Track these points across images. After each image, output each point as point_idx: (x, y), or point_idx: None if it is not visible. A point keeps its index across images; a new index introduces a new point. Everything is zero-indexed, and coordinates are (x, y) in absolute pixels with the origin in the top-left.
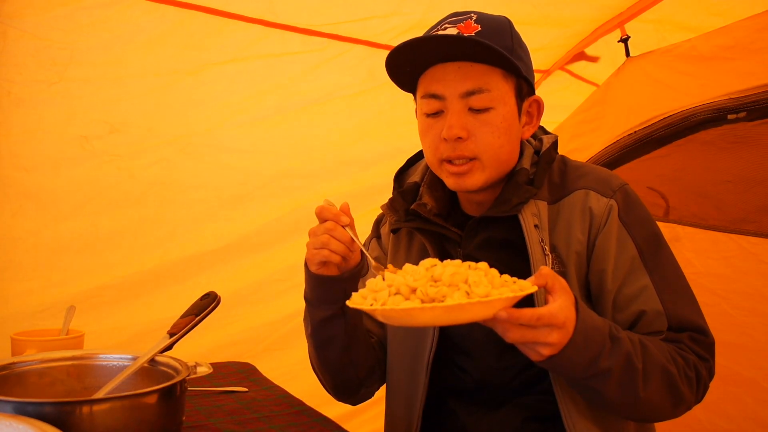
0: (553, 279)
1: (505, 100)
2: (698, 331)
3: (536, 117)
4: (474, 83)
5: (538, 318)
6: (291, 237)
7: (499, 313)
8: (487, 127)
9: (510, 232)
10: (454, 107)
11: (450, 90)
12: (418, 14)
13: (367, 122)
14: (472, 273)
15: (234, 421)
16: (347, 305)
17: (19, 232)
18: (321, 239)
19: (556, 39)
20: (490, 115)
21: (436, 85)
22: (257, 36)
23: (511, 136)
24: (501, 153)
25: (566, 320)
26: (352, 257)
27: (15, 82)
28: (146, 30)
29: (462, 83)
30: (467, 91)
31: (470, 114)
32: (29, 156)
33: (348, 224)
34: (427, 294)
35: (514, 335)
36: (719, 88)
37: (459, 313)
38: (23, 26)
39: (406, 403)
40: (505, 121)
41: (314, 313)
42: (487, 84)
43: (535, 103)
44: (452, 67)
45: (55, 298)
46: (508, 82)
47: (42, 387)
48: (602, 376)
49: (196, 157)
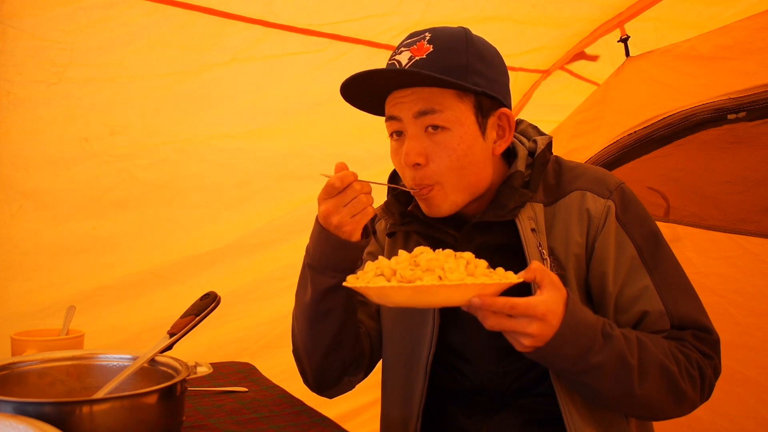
0: (542, 273)
1: (461, 121)
2: (701, 328)
3: (508, 129)
4: (425, 104)
5: (512, 307)
6: (290, 237)
7: (472, 299)
8: (444, 151)
9: (506, 237)
10: (411, 130)
11: (405, 112)
12: (418, 13)
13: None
14: (451, 260)
15: (234, 421)
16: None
17: (18, 232)
18: (360, 200)
19: (556, 39)
20: (446, 137)
21: (393, 108)
22: (257, 37)
23: (473, 157)
24: (463, 176)
25: (548, 313)
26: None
27: (14, 82)
28: (146, 31)
29: (414, 104)
30: (420, 111)
31: (427, 137)
32: (29, 156)
33: (357, 178)
34: (404, 276)
35: (491, 322)
36: (719, 88)
37: (429, 295)
38: (23, 26)
39: (403, 405)
40: (462, 143)
41: (319, 281)
42: (440, 104)
43: (503, 116)
44: (406, 91)
45: (55, 298)
46: (463, 101)
47: (42, 387)
48: (593, 372)
49: (195, 157)
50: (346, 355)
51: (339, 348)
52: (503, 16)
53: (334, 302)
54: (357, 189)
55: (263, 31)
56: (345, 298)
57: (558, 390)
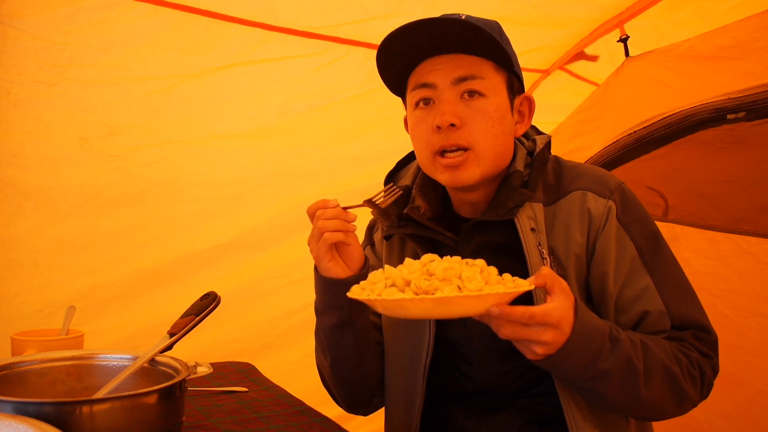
0: (552, 279)
1: (497, 91)
2: (701, 328)
3: (528, 116)
4: (466, 70)
5: (531, 316)
6: (290, 235)
7: (491, 309)
8: (480, 116)
9: (506, 236)
10: (445, 95)
11: (441, 78)
12: (417, 15)
13: (366, 121)
14: (466, 268)
15: (234, 421)
16: (348, 296)
17: (18, 231)
18: (316, 227)
19: (556, 39)
20: (483, 103)
21: (427, 75)
22: (257, 40)
23: (504, 127)
24: (495, 144)
25: (561, 320)
26: (352, 236)
27: (14, 83)
28: (146, 33)
29: (453, 70)
30: (459, 77)
31: (462, 102)
32: (28, 156)
33: (336, 205)
34: (420, 287)
35: (507, 331)
36: (718, 88)
37: (449, 306)
38: (23, 26)
39: (404, 406)
40: (498, 111)
41: (324, 320)
42: (480, 72)
43: (526, 100)
44: (444, 58)
45: (54, 297)
46: (499, 74)
47: (42, 387)
48: (602, 377)
49: (194, 156)
50: (370, 382)
51: (362, 379)
52: (504, 17)
53: (345, 340)
54: (317, 216)
55: (263, 34)
56: (355, 335)
57: (560, 390)
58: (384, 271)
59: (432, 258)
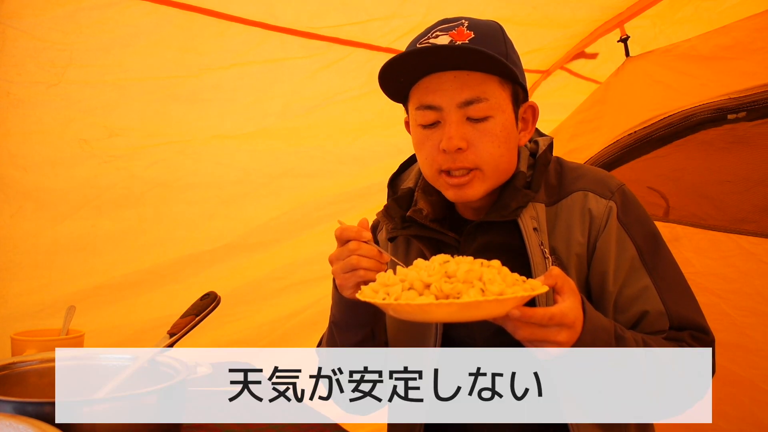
0: (562, 280)
1: (503, 108)
2: (699, 329)
3: (531, 123)
4: (471, 92)
5: (551, 317)
6: (290, 235)
7: (512, 312)
8: (486, 137)
9: (508, 236)
10: (451, 118)
11: (446, 100)
12: (419, 16)
13: (367, 122)
14: (486, 271)
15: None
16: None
17: (18, 232)
18: (350, 261)
19: (556, 39)
20: (489, 125)
21: (431, 95)
22: (258, 40)
23: (509, 144)
24: (501, 162)
25: (575, 320)
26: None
27: (14, 83)
28: (146, 32)
29: (459, 93)
30: (465, 101)
31: (468, 124)
32: (28, 156)
33: (370, 239)
34: (441, 290)
35: (524, 333)
36: (719, 88)
37: (473, 310)
38: (22, 26)
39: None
40: (504, 130)
41: (345, 337)
42: (485, 93)
43: (530, 108)
44: (448, 76)
45: (54, 297)
46: (504, 89)
47: (42, 387)
48: None
49: (195, 156)
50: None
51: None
52: (504, 17)
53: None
54: (351, 249)
55: (264, 34)
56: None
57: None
58: (398, 273)
59: (446, 259)
